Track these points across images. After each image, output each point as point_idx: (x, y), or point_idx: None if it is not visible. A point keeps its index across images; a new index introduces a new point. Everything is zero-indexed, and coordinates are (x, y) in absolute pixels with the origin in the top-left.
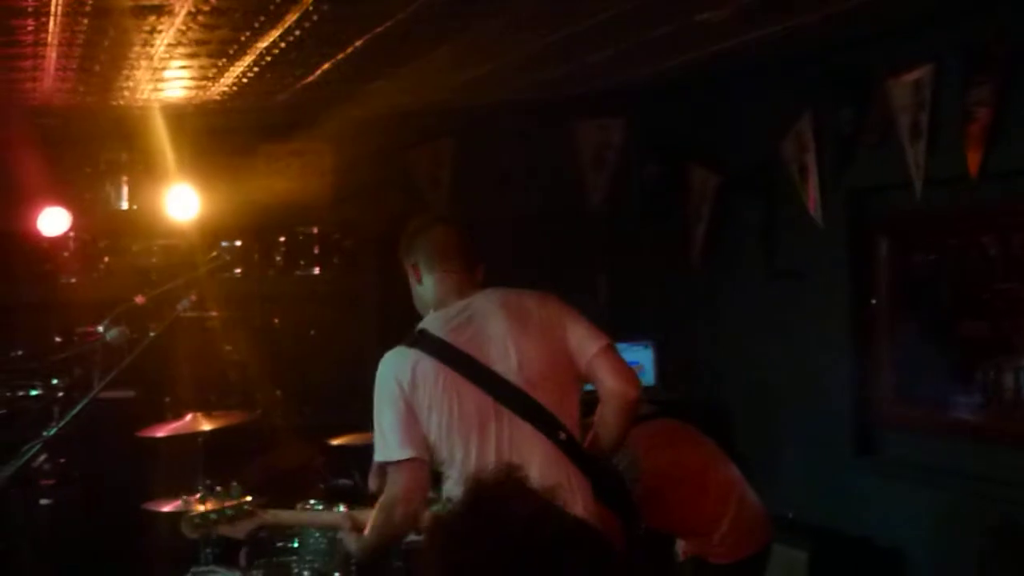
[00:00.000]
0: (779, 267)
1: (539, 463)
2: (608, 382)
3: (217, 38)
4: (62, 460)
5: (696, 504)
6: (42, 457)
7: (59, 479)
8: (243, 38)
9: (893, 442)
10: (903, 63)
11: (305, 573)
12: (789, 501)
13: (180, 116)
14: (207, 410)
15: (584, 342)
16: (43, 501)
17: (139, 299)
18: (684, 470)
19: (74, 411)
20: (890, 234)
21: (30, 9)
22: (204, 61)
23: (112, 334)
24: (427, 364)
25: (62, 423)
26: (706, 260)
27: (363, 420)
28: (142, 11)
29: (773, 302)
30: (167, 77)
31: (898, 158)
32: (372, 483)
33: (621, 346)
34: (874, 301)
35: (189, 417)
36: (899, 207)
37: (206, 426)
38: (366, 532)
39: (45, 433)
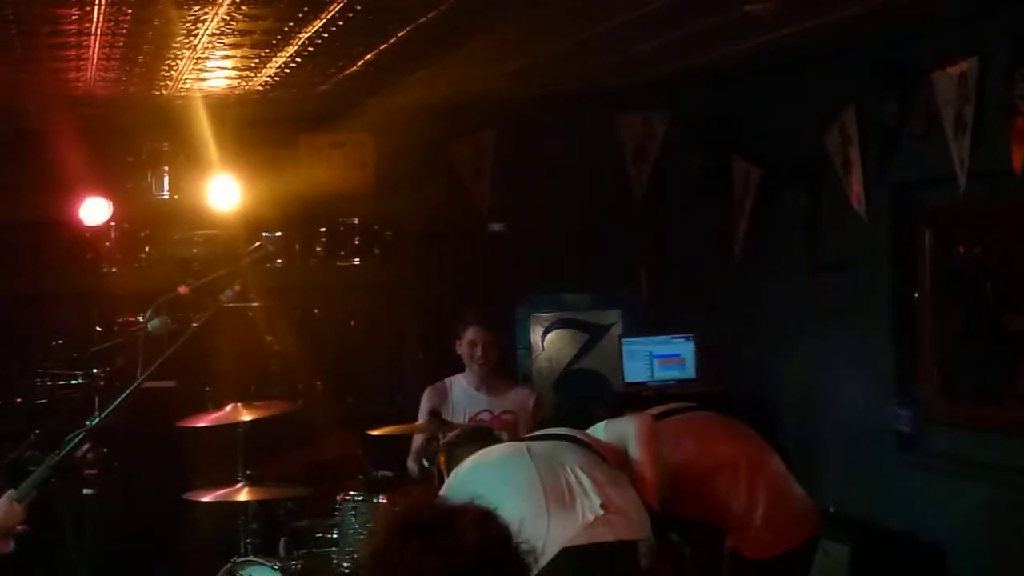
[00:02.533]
0: (822, 260)
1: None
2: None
3: (260, 28)
4: (105, 450)
5: (728, 497)
6: (85, 447)
7: (102, 469)
8: (286, 28)
9: (936, 436)
10: (948, 56)
11: (344, 564)
12: (831, 495)
13: (222, 106)
14: (247, 400)
15: None
16: (86, 491)
17: (182, 289)
18: (715, 462)
19: (117, 401)
20: (934, 227)
21: None
22: (247, 51)
23: (154, 324)
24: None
25: (105, 413)
26: (749, 253)
27: (404, 411)
28: (186, 0)
29: (816, 295)
30: (210, 67)
31: (942, 151)
32: (411, 466)
33: (662, 339)
34: (917, 295)
35: (229, 407)
36: (943, 200)
37: (246, 416)
38: None
39: (88, 423)
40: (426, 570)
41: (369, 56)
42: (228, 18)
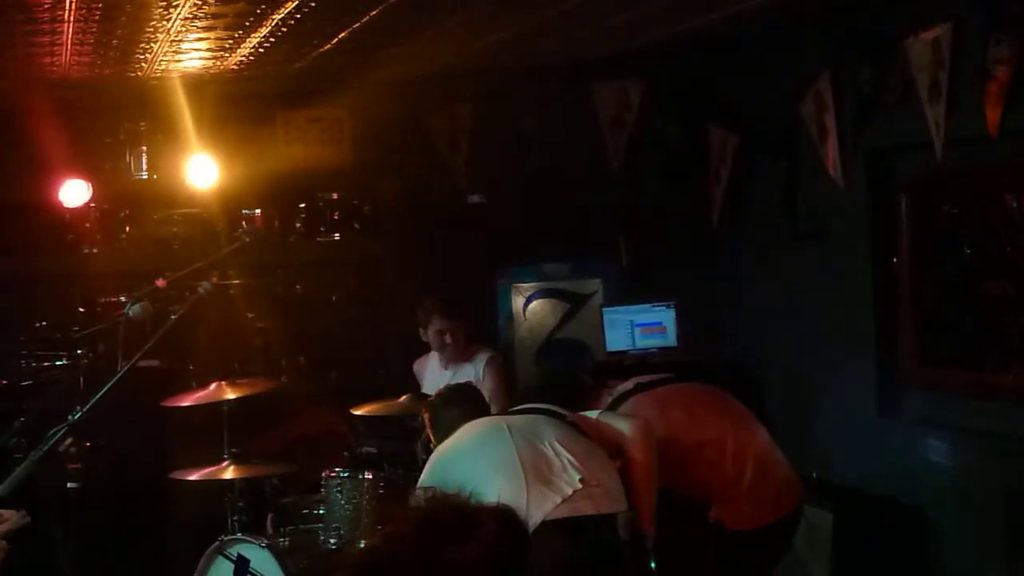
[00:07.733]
0: (800, 227)
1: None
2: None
3: (233, 11)
4: (88, 444)
5: (713, 469)
6: (68, 441)
7: (86, 464)
8: (259, 10)
9: (916, 402)
10: (922, 22)
11: (331, 540)
12: (814, 461)
13: (198, 85)
14: (231, 378)
15: None
16: (70, 484)
17: (160, 282)
18: (703, 435)
19: (98, 395)
20: (911, 193)
21: None
22: (221, 33)
23: (135, 310)
24: None
25: (87, 407)
26: (726, 220)
27: (387, 385)
28: None
29: (794, 262)
30: (184, 49)
31: (918, 117)
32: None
33: (643, 307)
34: (895, 260)
35: (213, 386)
36: (919, 166)
37: (230, 394)
38: None
39: (71, 417)
40: (468, 558)
41: (343, 35)
42: (201, 2)
